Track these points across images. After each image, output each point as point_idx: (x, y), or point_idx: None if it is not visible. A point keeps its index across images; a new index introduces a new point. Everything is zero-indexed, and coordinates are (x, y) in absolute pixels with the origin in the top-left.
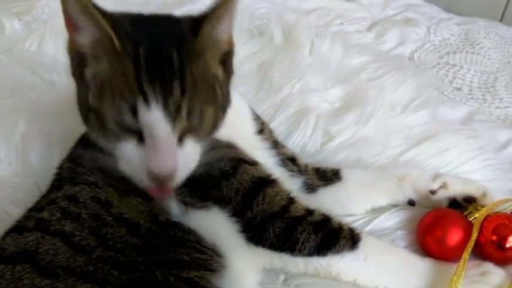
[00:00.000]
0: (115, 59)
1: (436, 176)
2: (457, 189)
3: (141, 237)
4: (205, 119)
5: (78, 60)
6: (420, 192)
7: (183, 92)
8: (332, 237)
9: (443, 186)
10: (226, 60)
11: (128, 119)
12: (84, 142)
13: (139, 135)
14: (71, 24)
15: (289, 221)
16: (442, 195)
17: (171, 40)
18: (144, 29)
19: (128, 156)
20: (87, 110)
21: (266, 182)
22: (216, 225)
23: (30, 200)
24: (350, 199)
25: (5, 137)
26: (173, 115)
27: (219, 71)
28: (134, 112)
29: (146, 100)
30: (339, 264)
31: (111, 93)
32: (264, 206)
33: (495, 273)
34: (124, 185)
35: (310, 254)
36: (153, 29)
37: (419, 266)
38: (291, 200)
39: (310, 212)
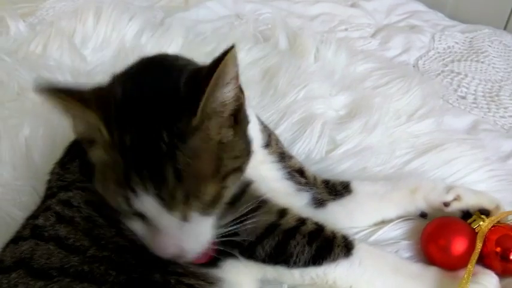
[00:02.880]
0: (107, 148)
1: (449, 188)
2: (470, 202)
3: (128, 242)
4: (207, 195)
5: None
6: (433, 205)
7: (177, 177)
8: (326, 246)
9: (457, 198)
10: (236, 115)
11: (124, 206)
12: (73, 151)
13: (143, 217)
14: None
15: (282, 236)
16: (456, 207)
17: (163, 118)
18: (134, 106)
19: (137, 231)
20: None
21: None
22: None
23: (34, 204)
24: (361, 212)
25: (9, 140)
26: (168, 202)
27: (228, 134)
28: (128, 201)
29: (135, 192)
30: (335, 272)
31: (108, 180)
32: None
33: (486, 274)
34: None
35: (305, 265)
36: (145, 105)
37: (413, 270)
38: (283, 212)
39: (302, 222)
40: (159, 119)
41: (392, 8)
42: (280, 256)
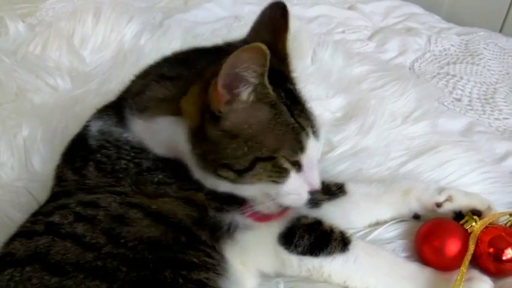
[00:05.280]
0: (272, 107)
1: (441, 190)
2: (462, 202)
3: (164, 228)
4: None
5: (227, 117)
6: (426, 206)
7: (312, 114)
8: (324, 239)
9: (449, 199)
10: None
11: (299, 154)
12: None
13: (298, 166)
14: (235, 80)
15: (286, 219)
16: (448, 208)
17: (279, 75)
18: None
19: (293, 186)
20: (253, 162)
21: None
22: None
23: (33, 205)
24: (355, 213)
25: (8, 141)
26: (318, 136)
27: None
28: (303, 147)
29: (307, 134)
30: (331, 265)
31: (280, 137)
32: None
33: (481, 280)
34: (152, 188)
35: (304, 253)
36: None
37: (407, 270)
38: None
39: (302, 215)
40: (281, 75)
41: (389, 11)
42: (284, 235)
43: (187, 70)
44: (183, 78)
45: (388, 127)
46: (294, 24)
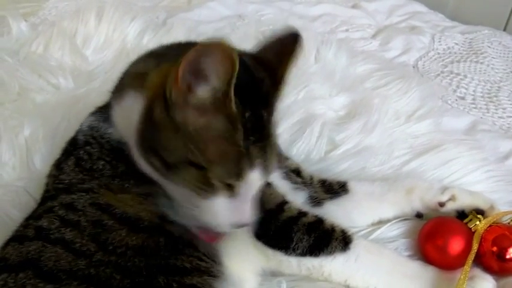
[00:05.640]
0: (228, 120)
1: (444, 189)
2: (465, 202)
3: (143, 235)
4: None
5: (177, 106)
6: (428, 205)
7: (274, 150)
8: (325, 238)
9: (452, 198)
10: None
11: (233, 179)
12: (67, 149)
13: (230, 190)
14: (195, 73)
15: (285, 220)
16: (451, 207)
17: (261, 97)
18: (241, 82)
19: (217, 208)
20: (180, 161)
21: None
22: None
23: (34, 205)
24: (357, 212)
25: (9, 140)
26: (267, 174)
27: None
28: (240, 174)
29: (252, 164)
30: (331, 265)
31: (221, 153)
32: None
33: (483, 279)
34: (116, 183)
35: (303, 254)
36: (246, 82)
37: (410, 268)
38: (285, 200)
39: (303, 213)
40: (258, 98)
41: (393, 9)
42: (281, 239)
43: (176, 51)
44: (167, 56)
45: (392, 125)
46: (297, 22)
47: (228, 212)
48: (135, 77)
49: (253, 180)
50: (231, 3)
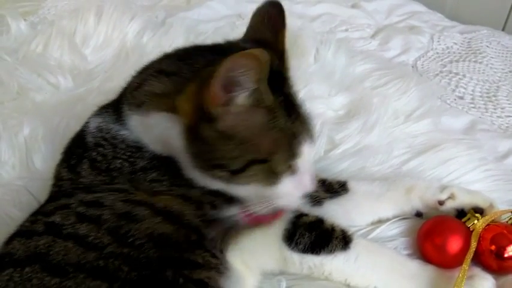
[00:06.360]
0: (270, 112)
1: (443, 187)
2: (464, 200)
3: (177, 227)
4: None
5: (221, 118)
6: (428, 203)
7: (308, 119)
8: (325, 237)
9: (451, 197)
10: None
11: (293, 159)
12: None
13: (292, 169)
14: (230, 83)
15: (288, 219)
16: (450, 206)
17: (277, 77)
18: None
19: (286, 189)
20: (247, 164)
21: None
22: None
23: (34, 204)
24: (357, 211)
25: (9, 139)
26: (314, 140)
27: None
28: (297, 153)
29: (302, 139)
30: (332, 263)
31: (276, 142)
32: None
33: (482, 278)
34: (146, 186)
35: (304, 251)
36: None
37: (409, 267)
38: None
39: (304, 213)
40: (280, 80)
41: (392, 9)
42: (286, 231)
43: (187, 67)
44: (181, 75)
45: (391, 125)
46: (296, 22)
47: (295, 188)
48: (154, 97)
49: (307, 152)
50: (231, 2)
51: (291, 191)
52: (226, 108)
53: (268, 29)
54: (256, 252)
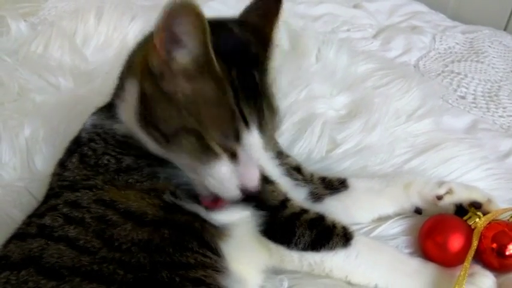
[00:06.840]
0: (215, 82)
1: (441, 183)
2: (463, 195)
3: (148, 229)
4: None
5: (163, 76)
6: (427, 199)
7: (270, 110)
8: (326, 234)
9: (449, 192)
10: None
11: (231, 142)
12: (71, 148)
13: (233, 155)
14: (171, 39)
15: (288, 216)
16: (449, 200)
17: (250, 57)
18: (227, 45)
19: (221, 173)
20: (178, 130)
21: (266, 179)
22: None
23: (35, 205)
24: (357, 208)
25: (10, 140)
26: (266, 136)
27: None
28: (237, 135)
29: (247, 125)
30: (332, 260)
31: (214, 116)
32: (262, 198)
33: (483, 275)
34: (120, 180)
35: (305, 249)
36: (233, 45)
37: (410, 265)
38: (287, 198)
39: (305, 210)
40: (248, 58)
41: (394, 9)
42: (284, 233)
43: None
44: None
45: (393, 125)
46: (298, 22)
47: (233, 176)
48: (127, 66)
49: (253, 142)
50: (232, 2)
51: (226, 178)
52: (167, 66)
53: (259, 13)
54: (243, 251)
